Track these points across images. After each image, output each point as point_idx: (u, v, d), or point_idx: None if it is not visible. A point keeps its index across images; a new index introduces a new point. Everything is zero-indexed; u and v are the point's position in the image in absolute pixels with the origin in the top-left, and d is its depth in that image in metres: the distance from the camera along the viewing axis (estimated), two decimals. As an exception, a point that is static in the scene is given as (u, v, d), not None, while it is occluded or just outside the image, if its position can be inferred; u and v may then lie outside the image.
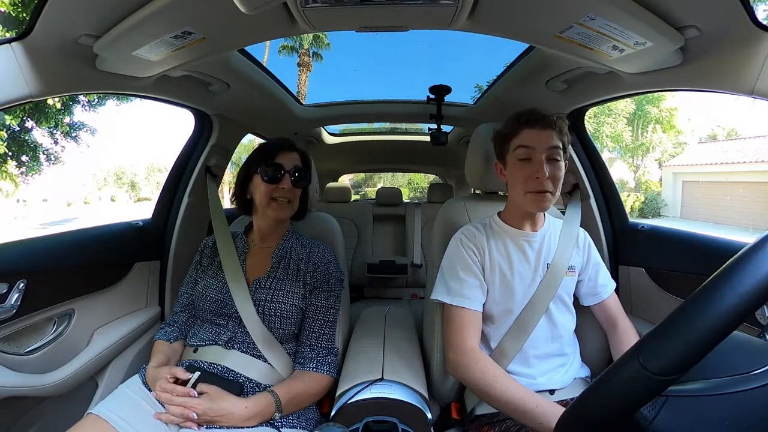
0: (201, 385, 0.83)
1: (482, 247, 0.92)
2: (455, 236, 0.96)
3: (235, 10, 0.61)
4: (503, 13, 0.76)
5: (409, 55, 17.29)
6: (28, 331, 0.94)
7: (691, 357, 0.34)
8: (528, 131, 0.87)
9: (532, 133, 0.86)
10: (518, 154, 0.87)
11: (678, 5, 0.65)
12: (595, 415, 0.39)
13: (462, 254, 0.91)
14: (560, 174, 0.86)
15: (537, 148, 0.85)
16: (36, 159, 7.80)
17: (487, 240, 0.93)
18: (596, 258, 0.99)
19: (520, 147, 0.87)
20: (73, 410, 1.02)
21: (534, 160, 0.85)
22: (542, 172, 0.83)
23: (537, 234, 0.94)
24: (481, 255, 0.91)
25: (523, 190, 0.87)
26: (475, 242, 0.92)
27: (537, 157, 0.85)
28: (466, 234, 0.94)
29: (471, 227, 0.96)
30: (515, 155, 0.88)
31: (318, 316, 0.97)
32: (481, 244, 0.92)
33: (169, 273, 1.34)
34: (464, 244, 0.92)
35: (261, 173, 0.96)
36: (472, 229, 0.95)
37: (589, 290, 0.98)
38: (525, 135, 0.87)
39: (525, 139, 0.87)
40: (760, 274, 0.33)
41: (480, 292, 0.89)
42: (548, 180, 0.84)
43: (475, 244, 0.92)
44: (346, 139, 2.40)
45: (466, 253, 0.91)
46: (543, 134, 0.86)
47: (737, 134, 19.35)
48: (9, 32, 5.28)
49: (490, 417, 0.86)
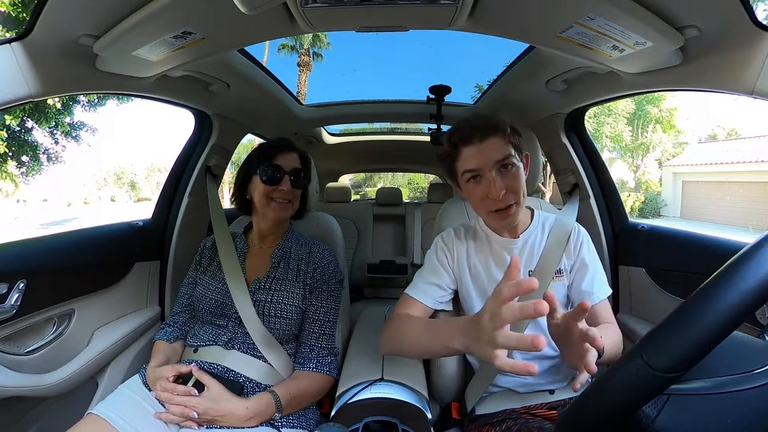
0: (204, 376, 0.83)
1: (456, 253, 0.92)
2: (437, 237, 0.97)
3: (235, 10, 0.61)
4: (503, 13, 0.76)
5: (409, 55, 17.33)
6: (28, 331, 0.94)
7: (694, 354, 0.34)
8: (466, 150, 0.80)
9: (471, 150, 0.79)
10: (466, 177, 0.81)
11: (678, 5, 0.65)
12: (597, 412, 0.39)
13: (432, 256, 0.93)
14: (518, 181, 0.79)
15: (483, 166, 0.78)
16: (36, 159, 7.79)
17: (466, 246, 0.92)
18: (585, 260, 0.88)
19: (465, 172, 0.81)
20: (73, 410, 1.02)
21: (484, 178, 0.79)
22: (495, 190, 0.77)
23: (518, 240, 0.89)
24: (452, 260, 0.92)
25: (484, 211, 0.83)
26: (450, 247, 0.93)
27: (486, 175, 0.78)
28: (445, 237, 0.95)
29: (452, 231, 0.96)
30: (464, 179, 0.82)
31: (318, 317, 0.97)
32: (456, 249, 0.92)
33: (169, 273, 1.34)
34: (439, 247, 0.94)
35: (260, 174, 0.95)
36: (452, 233, 0.95)
37: (576, 295, 0.88)
38: (465, 156, 0.80)
39: (468, 162, 0.80)
40: (762, 272, 0.34)
41: (436, 290, 0.89)
42: (507, 193, 0.77)
43: (449, 249, 0.93)
44: (346, 139, 2.39)
45: (437, 256, 0.93)
46: (483, 147, 0.78)
47: (737, 134, 19.33)
48: (9, 32, 5.27)
49: (490, 417, 0.86)
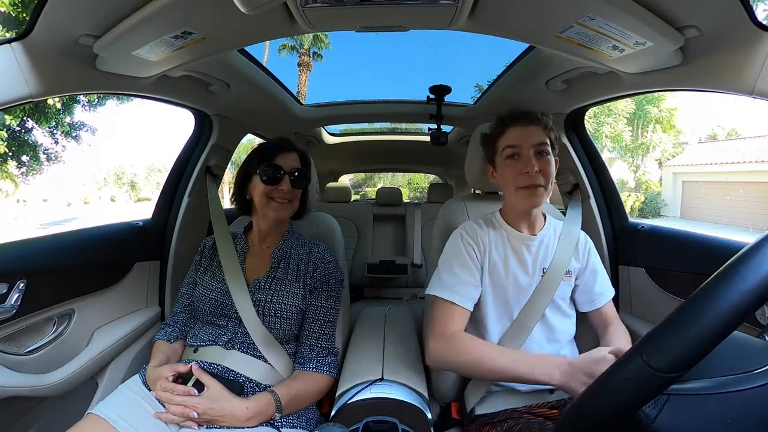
0: (204, 376, 0.83)
1: (483, 244, 0.91)
2: (456, 231, 0.95)
3: (235, 10, 0.61)
4: (503, 13, 0.76)
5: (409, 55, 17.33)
6: (28, 331, 0.94)
7: (694, 354, 0.34)
8: (513, 129, 0.88)
9: (516, 130, 0.88)
10: (507, 153, 0.88)
11: (678, 5, 0.65)
12: (597, 413, 0.39)
13: (461, 249, 0.90)
14: (551, 168, 0.87)
15: (524, 144, 0.86)
16: (36, 159, 7.79)
17: (488, 237, 0.92)
18: (594, 265, 0.96)
19: (507, 147, 0.88)
20: (73, 410, 1.02)
21: (522, 156, 0.86)
22: (531, 166, 0.84)
23: (536, 238, 0.93)
24: (481, 252, 0.91)
25: (514, 187, 0.88)
26: (476, 238, 0.91)
27: (525, 152, 0.86)
28: (468, 230, 0.93)
29: (473, 223, 0.95)
30: (503, 155, 0.89)
31: (318, 317, 0.97)
32: (483, 240, 0.91)
33: (169, 273, 1.34)
34: (464, 240, 0.91)
35: (260, 174, 0.95)
36: (474, 225, 0.94)
37: (584, 297, 0.96)
38: (510, 133, 0.89)
39: (511, 138, 0.88)
40: (762, 272, 0.34)
41: (473, 290, 0.88)
42: (538, 174, 0.84)
43: (475, 241, 0.91)
44: (346, 139, 2.39)
45: (465, 249, 0.90)
46: (528, 130, 0.87)
47: (737, 134, 19.33)
48: (9, 32, 5.27)
49: (490, 417, 0.86)
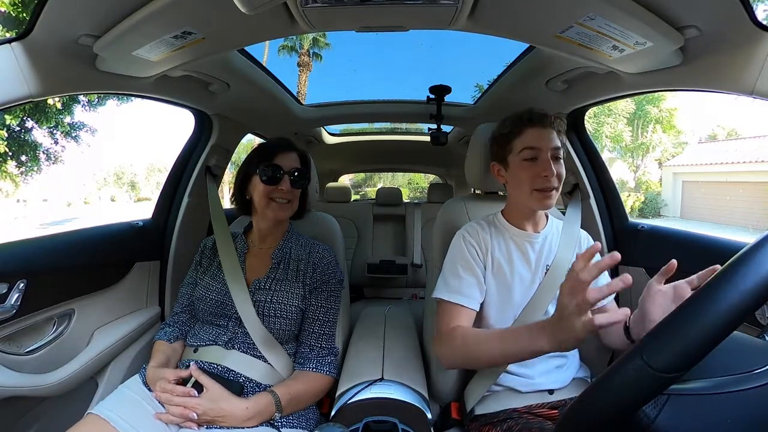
0: (202, 377, 0.83)
1: (485, 245, 0.91)
2: (459, 233, 0.95)
3: (235, 10, 0.61)
4: (503, 13, 0.76)
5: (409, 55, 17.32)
6: (28, 331, 0.94)
7: (695, 354, 0.34)
8: (532, 130, 0.87)
9: (535, 132, 0.86)
10: (524, 155, 0.87)
11: (678, 5, 0.65)
12: (597, 413, 0.39)
13: (463, 251, 0.91)
14: (563, 171, 0.87)
15: (543, 147, 0.85)
16: (36, 159, 7.79)
17: (490, 238, 0.92)
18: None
19: (526, 149, 0.87)
20: (73, 410, 1.02)
21: (540, 159, 0.85)
22: (550, 170, 0.83)
23: (539, 235, 0.93)
24: (483, 252, 0.91)
25: (530, 188, 0.87)
26: (478, 239, 0.92)
27: (543, 156, 0.85)
28: (470, 231, 0.93)
29: (475, 224, 0.95)
30: (521, 156, 0.87)
31: (318, 317, 0.97)
32: (485, 241, 0.91)
33: (169, 273, 1.34)
34: (467, 241, 0.92)
35: (260, 174, 0.95)
36: (476, 226, 0.94)
37: None
38: (529, 134, 0.87)
39: (530, 140, 0.86)
40: (762, 272, 0.34)
41: (477, 290, 0.88)
42: (554, 177, 0.84)
43: (477, 242, 0.91)
44: (346, 139, 2.39)
45: (468, 251, 0.90)
46: (546, 133, 0.86)
47: (737, 134, 19.33)
48: (9, 32, 5.27)
49: (490, 417, 0.86)
